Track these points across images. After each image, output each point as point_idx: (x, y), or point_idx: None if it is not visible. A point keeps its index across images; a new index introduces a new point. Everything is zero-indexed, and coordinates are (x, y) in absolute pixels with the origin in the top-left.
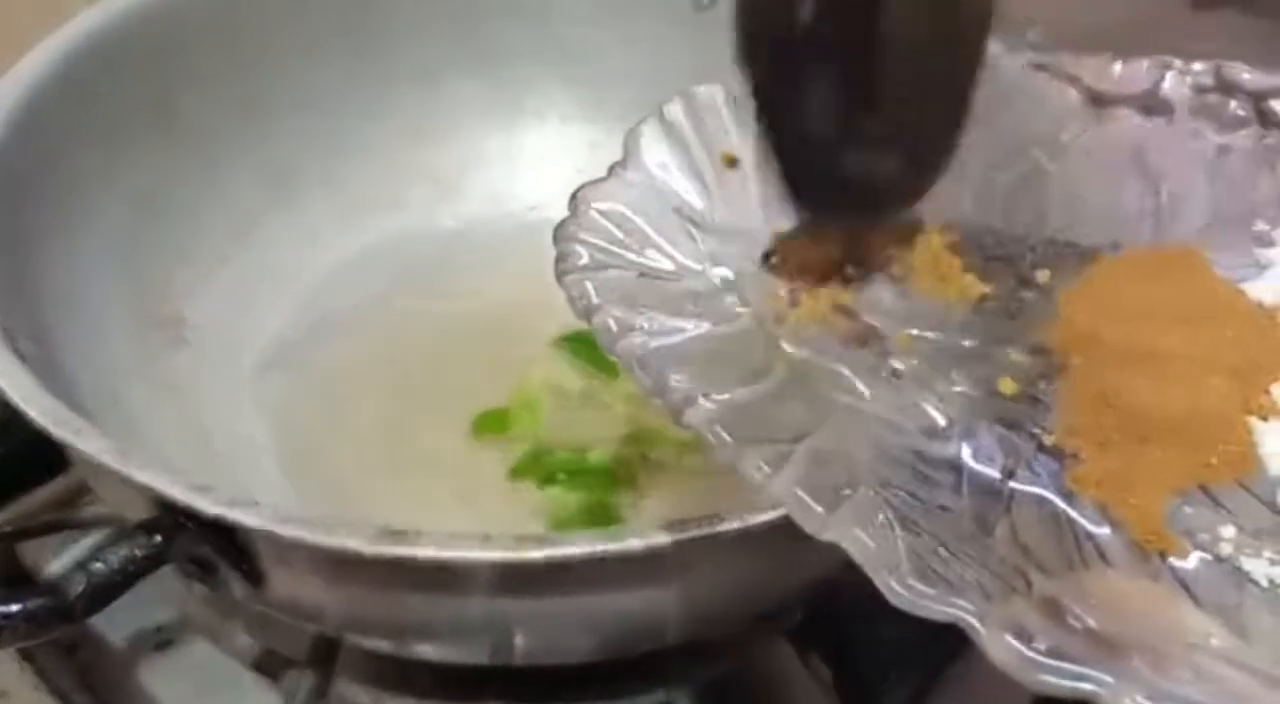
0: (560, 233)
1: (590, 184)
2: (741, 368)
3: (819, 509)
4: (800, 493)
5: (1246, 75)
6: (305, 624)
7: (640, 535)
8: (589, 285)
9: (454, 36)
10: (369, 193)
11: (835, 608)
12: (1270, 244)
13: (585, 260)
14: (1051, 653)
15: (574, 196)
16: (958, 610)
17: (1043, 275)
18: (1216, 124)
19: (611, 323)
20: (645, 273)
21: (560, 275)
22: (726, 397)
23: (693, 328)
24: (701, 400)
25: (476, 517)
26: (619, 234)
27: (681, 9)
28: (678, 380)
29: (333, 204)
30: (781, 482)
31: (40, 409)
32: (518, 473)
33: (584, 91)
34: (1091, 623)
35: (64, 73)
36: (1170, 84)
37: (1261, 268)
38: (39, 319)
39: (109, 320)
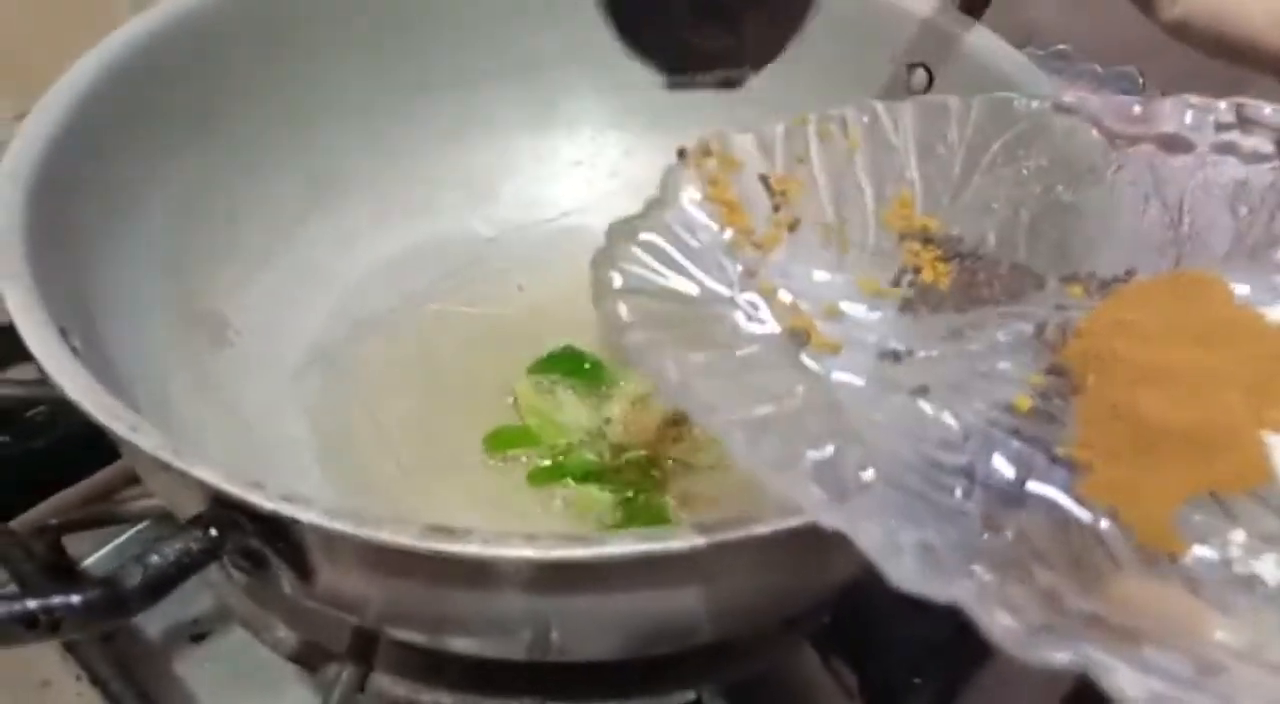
0: (596, 259)
1: (627, 217)
2: (765, 384)
3: (828, 498)
4: (811, 483)
5: (1267, 111)
6: (348, 617)
7: (682, 536)
8: (621, 306)
9: (489, 43)
10: (405, 197)
11: (859, 612)
12: None
13: (619, 284)
14: (1048, 628)
15: (611, 227)
16: (958, 590)
17: (1065, 303)
18: (1237, 158)
19: (642, 341)
20: (677, 298)
21: (595, 299)
22: (749, 409)
23: (720, 348)
24: (724, 411)
25: (508, 514)
26: (653, 261)
27: None
28: (703, 392)
29: (369, 208)
30: (795, 475)
31: (99, 406)
32: (535, 480)
33: (617, 98)
34: (1089, 608)
35: (110, 80)
36: (1191, 122)
37: None
38: (88, 318)
39: (154, 320)
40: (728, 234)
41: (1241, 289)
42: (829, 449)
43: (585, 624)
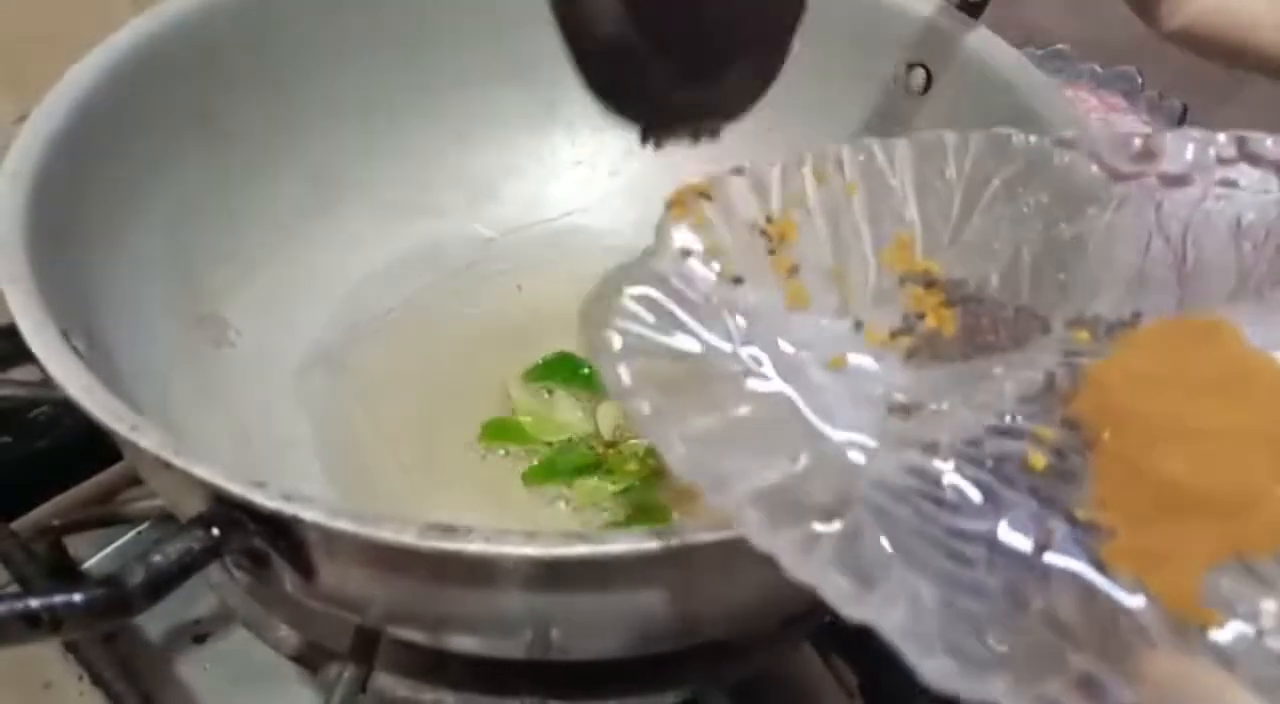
0: (592, 315)
1: (620, 268)
2: (773, 447)
3: (851, 591)
4: (835, 574)
5: (1269, 144)
6: (350, 616)
7: (682, 534)
8: (623, 371)
9: (488, 44)
10: (404, 198)
11: None
12: None
13: (618, 346)
14: None
15: (604, 281)
16: (992, 690)
17: (1073, 349)
18: (1240, 193)
19: (645, 408)
20: (677, 355)
21: (594, 357)
22: (757, 476)
23: (724, 409)
24: (733, 484)
25: (509, 512)
26: (650, 317)
27: None
28: (709, 464)
29: (370, 209)
30: (815, 562)
31: (101, 406)
32: (530, 478)
33: None
34: (1131, 698)
35: (111, 81)
36: (1193, 156)
37: None
38: (88, 319)
39: (154, 321)
40: (725, 284)
41: (1251, 331)
42: (844, 523)
43: (586, 622)
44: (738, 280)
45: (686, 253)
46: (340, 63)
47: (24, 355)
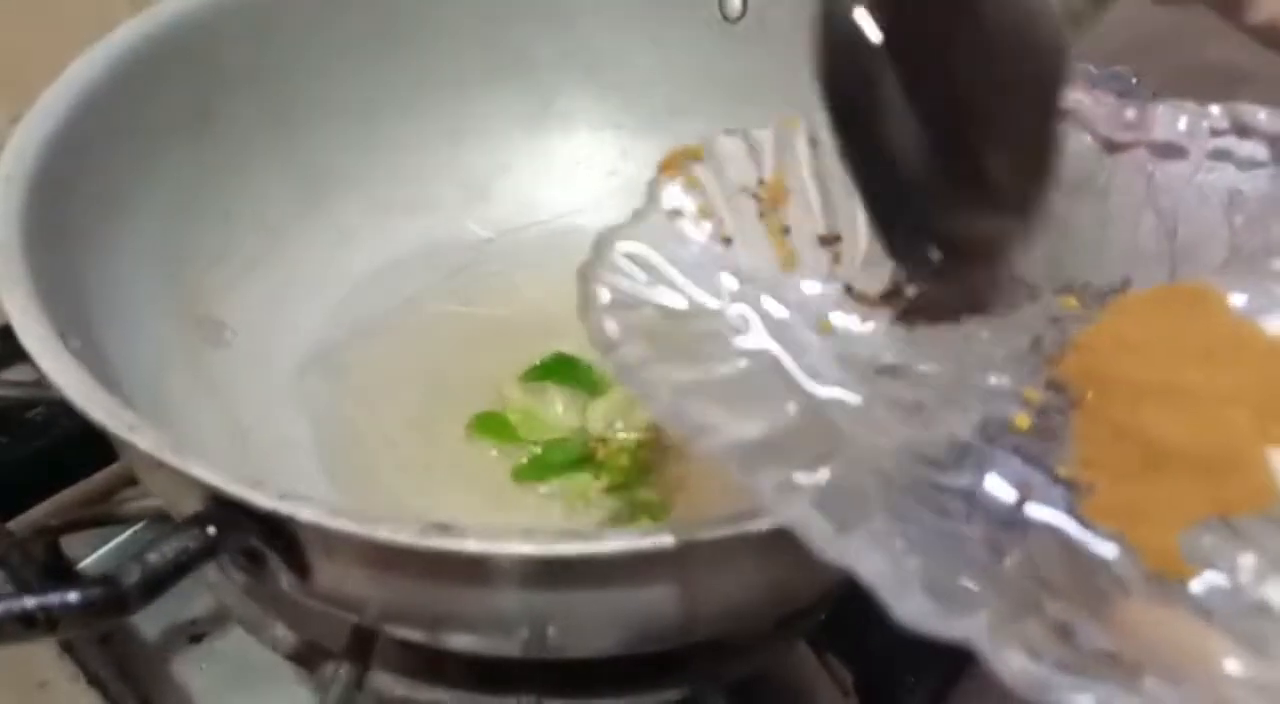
0: (583, 273)
1: (612, 227)
2: (758, 403)
3: (831, 531)
4: (813, 514)
5: (1262, 116)
6: (347, 615)
7: (678, 533)
8: (608, 323)
9: (483, 43)
10: (402, 197)
11: (855, 610)
12: None
13: (606, 300)
14: (1061, 668)
15: (596, 239)
16: (966, 628)
17: (1060, 315)
18: (1233, 165)
19: (630, 359)
20: (665, 312)
21: (581, 313)
22: (742, 429)
23: (709, 364)
24: (717, 432)
25: (506, 511)
26: (640, 274)
27: (709, 16)
28: (694, 413)
29: (366, 209)
30: (795, 503)
31: (97, 406)
32: (519, 476)
33: (613, 97)
34: (1104, 644)
35: (106, 82)
36: (1185, 127)
37: (1279, 303)
38: (84, 319)
39: (150, 321)
40: (716, 245)
41: (1239, 299)
42: (826, 473)
43: (582, 621)
44: (728, 240)
45: (678, 213)
46: (336, 65)
47: (20, 356)
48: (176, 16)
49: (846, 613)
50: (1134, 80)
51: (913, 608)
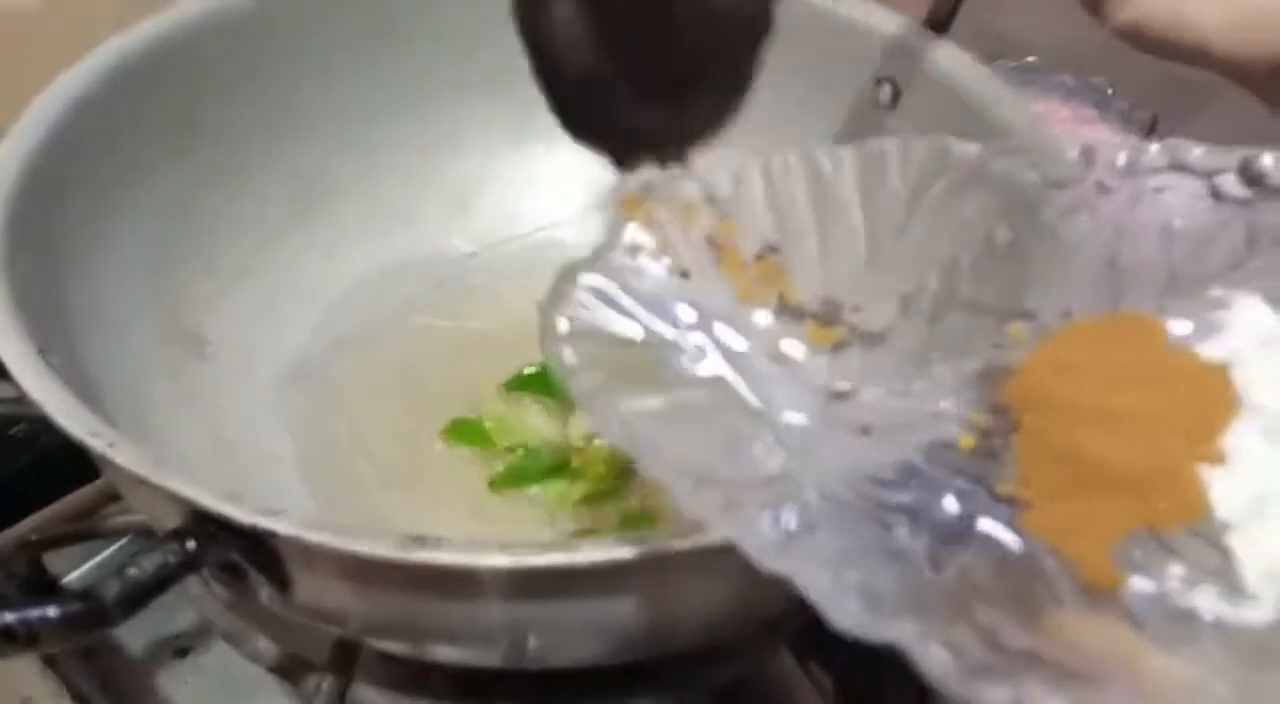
0: (543, 305)
1: (573, 261)
2: (712, 427)
3: (770, 544)
4: (754, 529)
5: (1197, 152)
6: (328, 628)
7: (649, 543)
8: (566, 351)
9: (470, 58)
10: (386, 211)
11: None
12: (1223, 307)
13: (565, 329)
14: (983, 668)
15: (558, 274)
16: (899, 631)
17: (1003, 344)
18: (1171, 199)
19: (586, 385)
20: (621, 342)
21: (542, 343)
22: (693, 455)
23: (664, 391)
24: (667, 456)
25: (487, 523)
26: (600, 305)
27: None
28: (647, 440)
29: (350, 221)
30: (736, 520)
31: (77, 423)
32: (495, 485)
33: None
34: (1028, 645)
35: (93, 94)
36: (1125, 164)
37: (1215, 330)
38: (66, 332)
39: (133, 333)
40: (674, 278)
41: (1179, 327)
42: (773, 494)
43: (561, 631)
44: (685, 274)
45: (637, 248)
46: (321, 78)
47: (2, 373)
48: (162, 30)
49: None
50: (1110, 91)
51: (848, 616)
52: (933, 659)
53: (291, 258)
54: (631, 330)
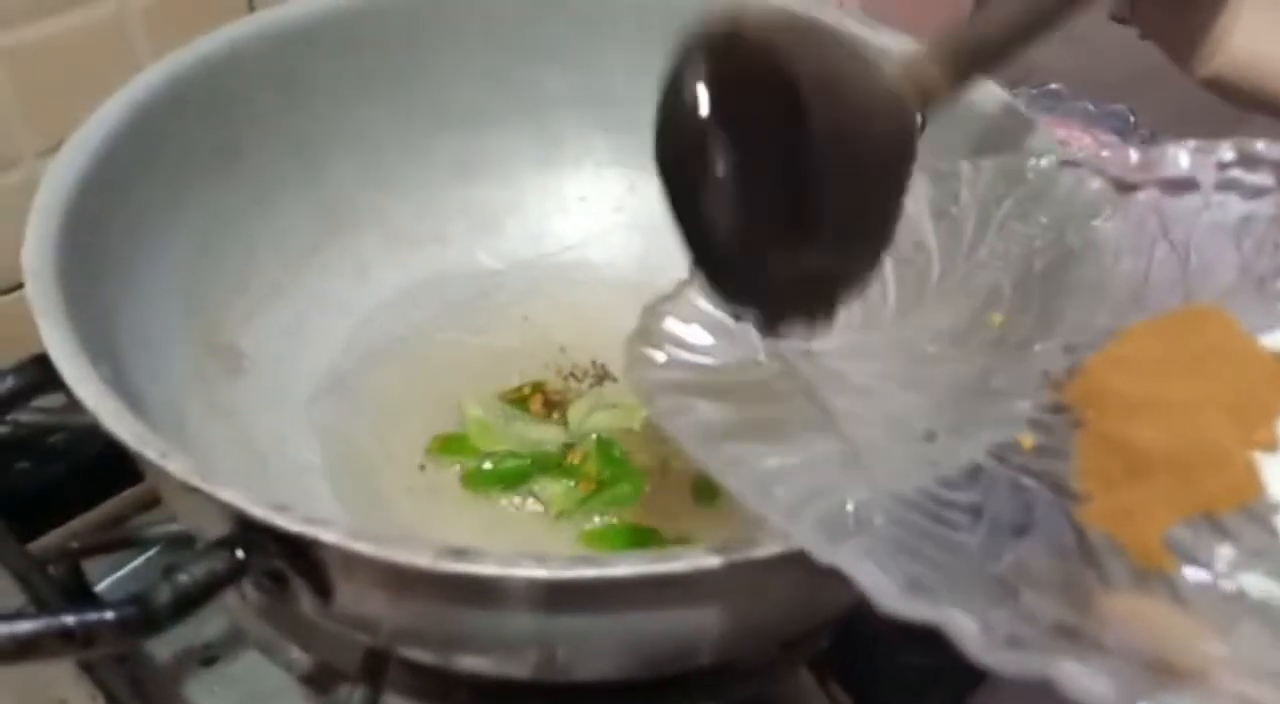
0: (631, 337)
1: (658, 297)
2: (789, 438)
3: (827, 538)
4: (811, 525)
5: (1261, 146)
6: (363, 636)
7: (686, 558)
8: (649, 378)
9: (497, 82)
10: (415, 231)
11: (859, 637)
12: None
13: (649, 360)
14: (1018, 641)
15: (644, 309)
16: (942, 613)
17: (1071, 345)
18: (1240, 194)
19: (668, 405)
20: (702, 368)
21: (626, 372)
22: (765, 461)
23: (745, 406)
24: (743, 466)
25: (515, 534)
26: (682, 337)
27: None
28: (726, 450)
29: (381, 242)
30: (798, 517)
31: (133, 433)
32: (468, 484)
33: (622, 137)
34: (1067, 620)
35: (135, 120)
36: (1192, 163)
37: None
38: (112, 347)
39: (172, 350)
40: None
41: (1245, 318)
42: (837, 497)
43: (590, 645)
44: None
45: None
46: (354, 104)
47: (48, 384)
48: (200, 59)
49: (850, 639)
50: (1131, 118)
51: (894, 600)
52: (971, 637)
53: (323, 276)
54: (712, 359)
